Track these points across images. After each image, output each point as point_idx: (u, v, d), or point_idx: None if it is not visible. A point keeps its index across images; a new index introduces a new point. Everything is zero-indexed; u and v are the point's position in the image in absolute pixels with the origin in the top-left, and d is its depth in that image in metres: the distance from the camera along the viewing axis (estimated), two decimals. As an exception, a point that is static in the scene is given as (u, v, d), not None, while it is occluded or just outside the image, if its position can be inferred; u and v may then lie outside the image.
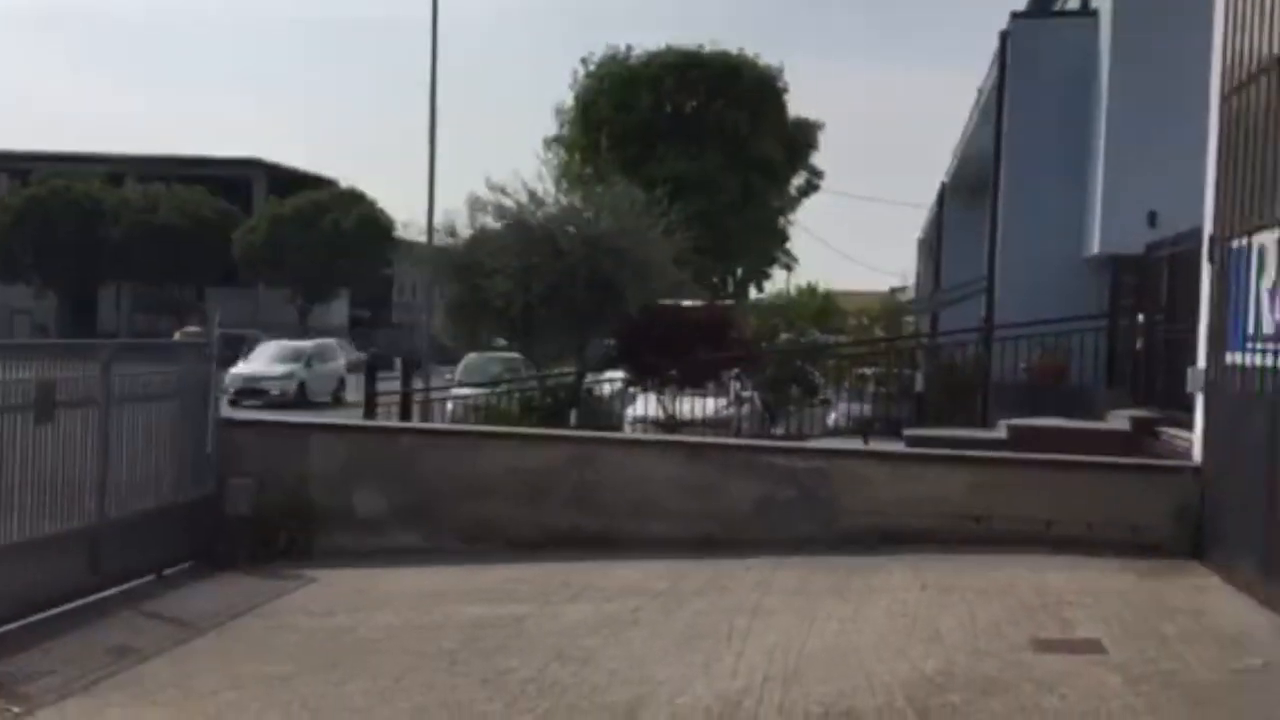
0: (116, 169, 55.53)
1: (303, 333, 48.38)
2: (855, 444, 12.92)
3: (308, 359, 32.22)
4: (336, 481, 9.09)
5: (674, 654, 5.95)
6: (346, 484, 9.09)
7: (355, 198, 55.79)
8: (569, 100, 31.97)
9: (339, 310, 60.62)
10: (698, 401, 15.58)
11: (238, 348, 31.05)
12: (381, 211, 54.35)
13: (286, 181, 58.25)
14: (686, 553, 8.30)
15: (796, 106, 33.87)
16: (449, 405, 16.98)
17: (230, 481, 8.90)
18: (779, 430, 16.71)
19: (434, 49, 23.87)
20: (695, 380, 15.95)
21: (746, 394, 17.37)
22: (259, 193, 59.19)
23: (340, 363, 33.76)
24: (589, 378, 16.34)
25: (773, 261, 37.94)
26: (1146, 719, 4.84)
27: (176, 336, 24.50)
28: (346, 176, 68.22)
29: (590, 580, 7.70)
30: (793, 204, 36.98)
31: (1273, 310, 6.76)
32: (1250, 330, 7.14)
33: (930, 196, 28.35)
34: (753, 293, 40.69)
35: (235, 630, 6.87)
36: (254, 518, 8.82)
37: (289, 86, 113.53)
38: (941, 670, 5.50)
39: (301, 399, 30.16)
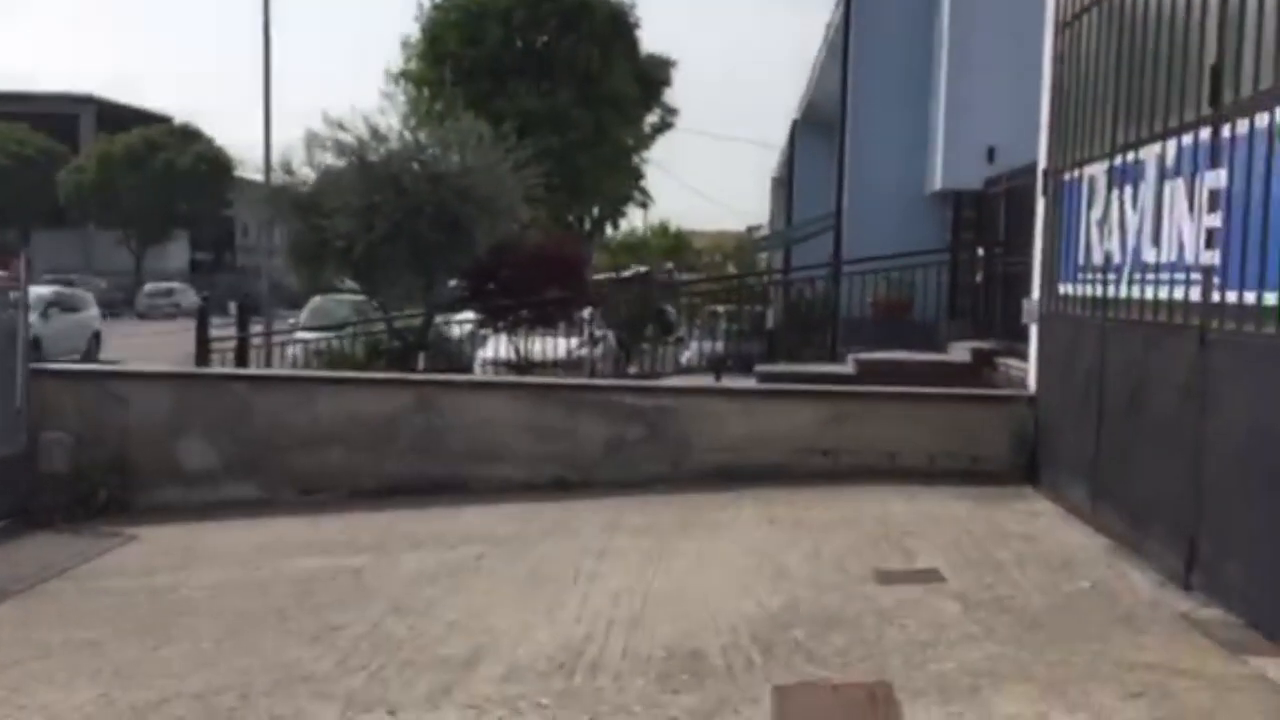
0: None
1: (137, 277, 46.06)
2: (707, 381, 12.94)
3: (44, 309, 24.70)
4: (161, 433, 8.59)
5: (517, 601, 5.78)
6: (172, 436, 8.60)
7: (191, 135, 53.27)
8: (415, 33, 30.98)
9: (178, 253, 57.98)
10: (550, 342, 15.37)
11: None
12: (220, 149, 52.05)
13: (117, 118, 55.18)
14: (536, 496, 8.13)
15: (650, 43, 33.64)
16: (290, 350, 16.35)
17: (43, 436, 8.36)
18: (634, 369, 16.66)
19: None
20: (548, 320, 15.72)
21: (601, 333, 17.23)
22: (87, 130, 55.98)
23: (92, 313, 28.48)
24: (439, 319, 15.92)
25: (628, 200, 37.79)
26: (983, 645, 4.90)
27: (-23, 283, 22.62)
28: (182, 113, 65.12)
29: (434, 528, 7.46)
30: (646, 141, 36.84)
31: (1102, 241, 6.90)
32: (1081, 261, 7.28)
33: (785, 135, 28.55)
34: (609, 231, 40.56)
35: (45, 594, 6.40)
36: (71, 474, 8.30)
37: (124, 22, 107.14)
38: (786, 606, 5.47)
39: (35, 356, 24.71)
